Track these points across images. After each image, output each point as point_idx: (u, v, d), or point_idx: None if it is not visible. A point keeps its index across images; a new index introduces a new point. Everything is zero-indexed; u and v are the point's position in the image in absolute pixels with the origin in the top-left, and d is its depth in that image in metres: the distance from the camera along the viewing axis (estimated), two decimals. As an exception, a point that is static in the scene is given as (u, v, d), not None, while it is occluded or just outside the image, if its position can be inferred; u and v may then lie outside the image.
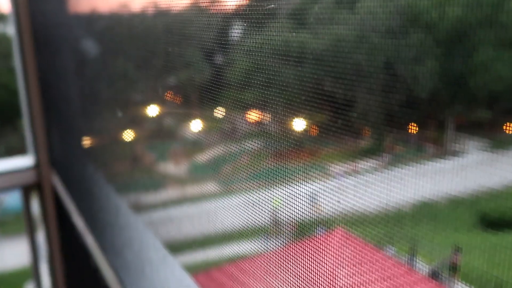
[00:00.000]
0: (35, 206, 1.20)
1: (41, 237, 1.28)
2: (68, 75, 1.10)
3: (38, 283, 1.31)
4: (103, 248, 0.88)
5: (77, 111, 1.15)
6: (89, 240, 0.95)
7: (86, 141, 1.15)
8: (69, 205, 1.02)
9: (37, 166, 1.15)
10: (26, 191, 1.17)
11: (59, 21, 1.06)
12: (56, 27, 1.06)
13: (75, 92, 1.12)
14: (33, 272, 1.25)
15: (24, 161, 1.16)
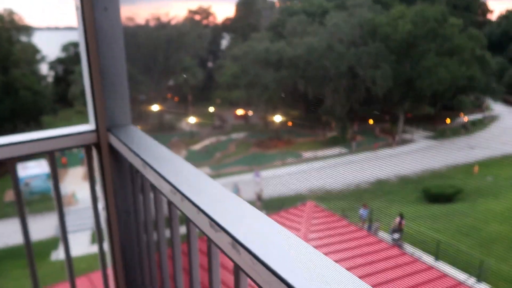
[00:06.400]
0: (95, 160, 1.42)
1: (98, 186, 1.49)
2: (120, 65, 1.35)
3: (98, 224, 1.49)
4: (159, 172, 0.97)
5: (125, 92, 1.39)
6: (147, 170, 1.05)
7: (131, 111, 1.40)
8: (123, 151, 1.21)
9: (96, 130, 1.38)
10: (88, 148, 1.39)
11: (114, 30, 1.32)
12: (112, 33, 1.32)
13: (124, 77, 1.37)
14: (94, 212, 1.45)
15: (87, 127, 1.39)
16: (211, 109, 36.67)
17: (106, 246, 1.52)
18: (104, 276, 1.52)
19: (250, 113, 35.06)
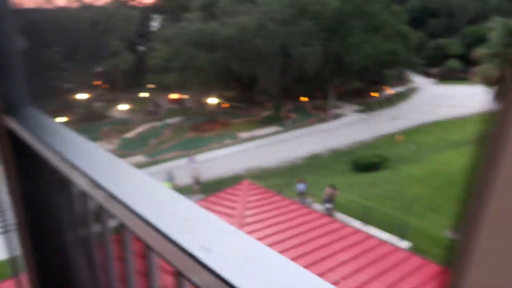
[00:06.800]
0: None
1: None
2: (10, 43, 1.32)
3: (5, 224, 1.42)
4: (50, 144, 0.99)
5: (20, 72, 1.34)
6: (41, 146, 1.05)
7: (34, 93, 1.37)
8: (25, 136, 1.17)
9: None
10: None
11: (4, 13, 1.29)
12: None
13: (18, 56, 1.33)
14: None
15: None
16: (144, 94, 35.39)
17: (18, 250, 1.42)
18: (18, 283, 1.45)
19: (185, 96, 34.37)
